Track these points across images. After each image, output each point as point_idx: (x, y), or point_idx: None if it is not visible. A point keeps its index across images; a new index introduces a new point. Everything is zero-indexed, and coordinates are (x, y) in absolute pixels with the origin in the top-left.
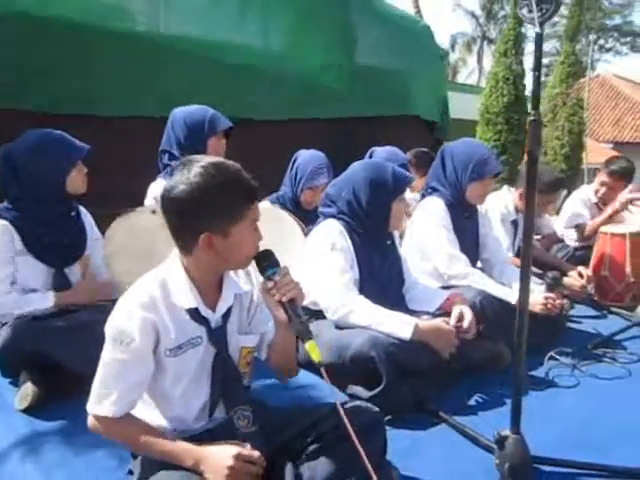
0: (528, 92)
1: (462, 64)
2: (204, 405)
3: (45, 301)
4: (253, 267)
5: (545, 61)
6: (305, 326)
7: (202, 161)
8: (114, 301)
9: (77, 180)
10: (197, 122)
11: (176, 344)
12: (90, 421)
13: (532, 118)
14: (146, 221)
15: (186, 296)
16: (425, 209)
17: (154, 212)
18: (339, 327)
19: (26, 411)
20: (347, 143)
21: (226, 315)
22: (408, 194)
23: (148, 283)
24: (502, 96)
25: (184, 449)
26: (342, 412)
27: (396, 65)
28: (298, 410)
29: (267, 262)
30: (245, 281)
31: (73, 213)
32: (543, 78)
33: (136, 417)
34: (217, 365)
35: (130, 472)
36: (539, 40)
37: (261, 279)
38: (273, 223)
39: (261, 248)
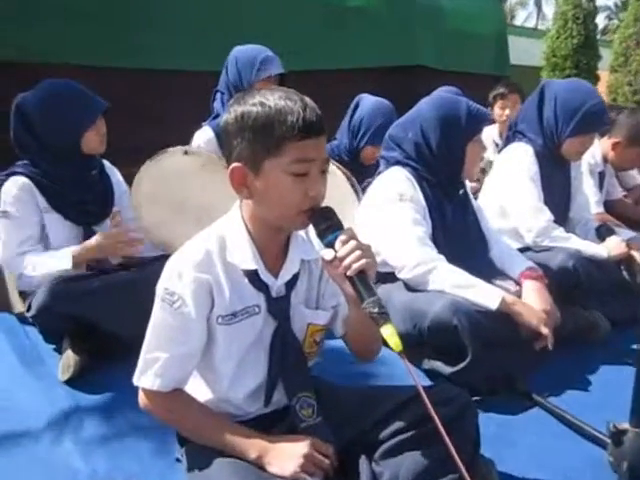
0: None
1: (520, 7)
2: (259, 388)
3: (62, 261)
4: None
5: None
6: (379, 305)
7: (259, 90)
8: (153, 260)
9: (93, 141)
10: (248, 62)
11: (230, 310)
12: (140, 397)
13: None
14: (177, 164)
15: (245, 255)
16: (510, 157)
17: (186, 153)
18: (410, 289)
19: (69, 382)
20: (406, 94)
21: (291, 284)
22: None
23: (205, 238)
24: (571, 37)
25: (247, 439)
26: (426, 399)
27: (454, 5)
28: (373, 394)
29: (326, 224)
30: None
31: (94, 172)
32: (614, 21)
33: (190, 395)
34: (277, 341)
35: (178, 460)
36: None
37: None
38: None
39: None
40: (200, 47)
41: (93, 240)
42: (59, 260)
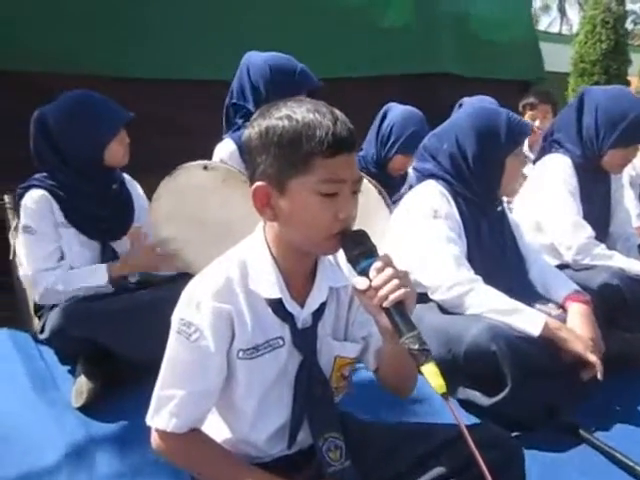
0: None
1: (542, 12)
2: (282, 427)
3: (97, 276)
4: None
5: None
6: (420, 341)
7: (285, 102)
8: (176, 278)
9: (117, 153)
10: (287, 72)
11: (252, 344)
12: (153, 439)
13: None
14: (196, 179)
15: (269, 283)
16: (547, 169)
17: (206, 168)
18: (444, 311)
19: (82, 408)
20: (429, 105)
21: (318, 313)
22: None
23: (226, 263)
24: (600, 42)
25: None
26: (471, 442)
27: (480, 11)
28: (407, 434)
29: (359, 249)
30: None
31: (115, 186)
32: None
33: (208, 436)
34: (302, 376)
35: None
36: None
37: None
38: None
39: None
40: (216, 56)
41: (130, 260)
42: (94, 274)
